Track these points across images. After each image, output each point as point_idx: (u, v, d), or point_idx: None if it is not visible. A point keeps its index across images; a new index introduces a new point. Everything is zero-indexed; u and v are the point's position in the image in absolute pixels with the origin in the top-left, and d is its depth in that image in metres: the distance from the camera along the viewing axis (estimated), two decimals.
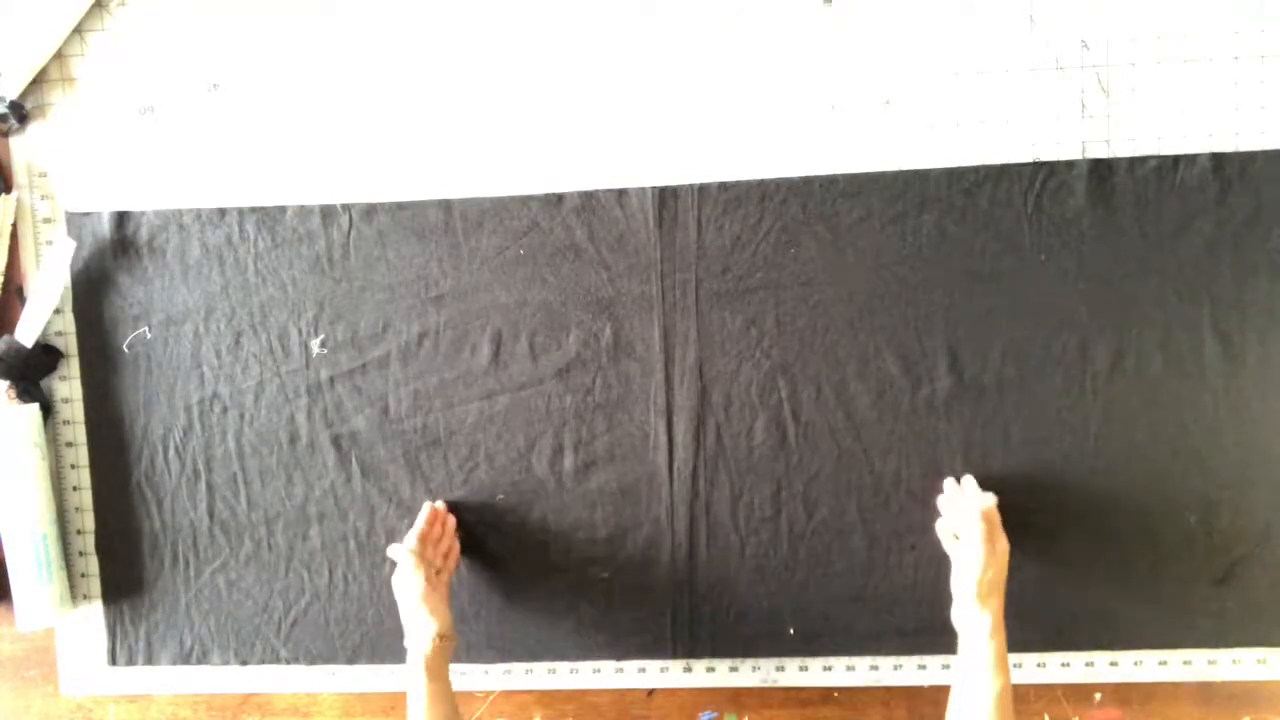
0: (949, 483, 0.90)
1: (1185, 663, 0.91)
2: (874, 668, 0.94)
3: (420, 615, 0.83)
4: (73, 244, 0.93)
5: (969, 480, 0.88)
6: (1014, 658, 0.92)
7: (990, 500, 0.83)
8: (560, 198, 0.91)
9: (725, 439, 0.92)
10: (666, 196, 0.90)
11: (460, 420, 0.93)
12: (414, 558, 0.85)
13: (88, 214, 0.94)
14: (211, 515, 0.96)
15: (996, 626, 0.78)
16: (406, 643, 0.84)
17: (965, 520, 0.82)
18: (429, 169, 0.93)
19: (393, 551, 0.87)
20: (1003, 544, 0.81)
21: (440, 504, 0.92)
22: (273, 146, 0.94)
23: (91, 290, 0.95)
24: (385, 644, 0.96)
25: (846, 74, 0.90)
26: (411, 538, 0.87)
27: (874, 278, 0.89)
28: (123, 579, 0.97)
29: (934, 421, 0.90)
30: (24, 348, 0.92)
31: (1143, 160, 0.87)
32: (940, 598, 0.85)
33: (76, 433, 0.97)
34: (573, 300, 0.92)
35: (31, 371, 0.94)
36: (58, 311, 0.95)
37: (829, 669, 0.94)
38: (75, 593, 0.98)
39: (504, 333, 0.92)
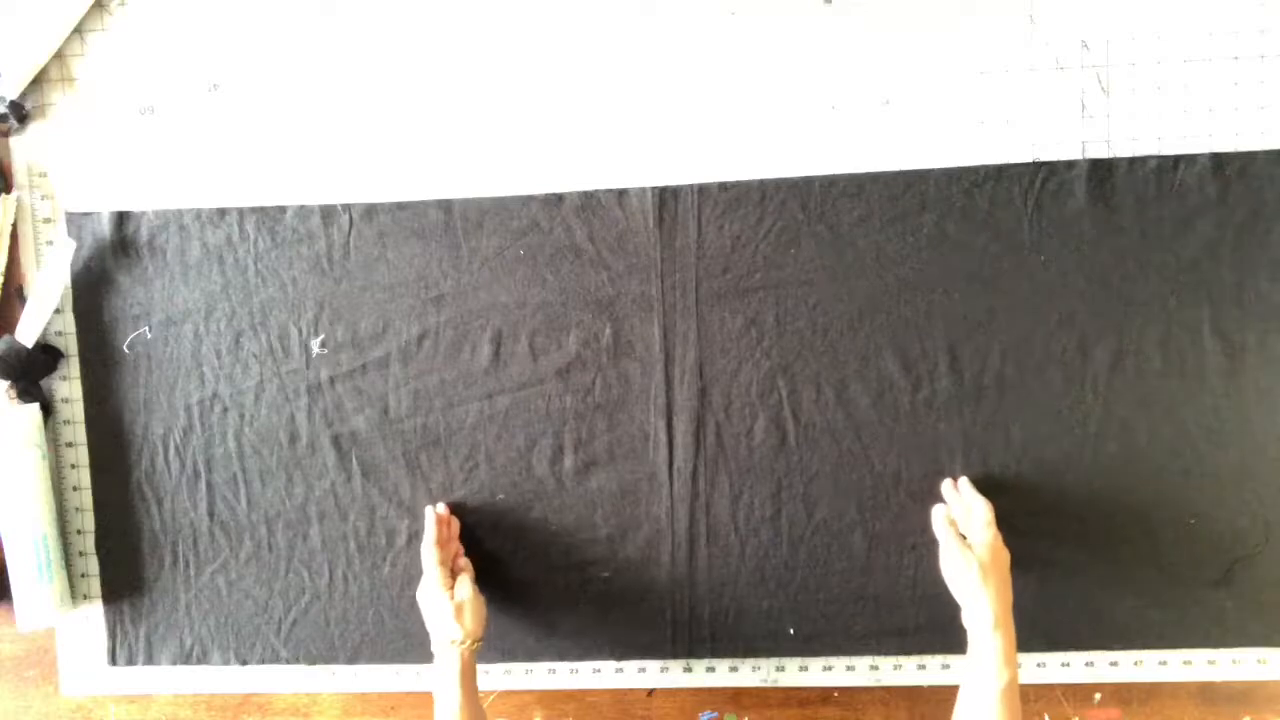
0: (946, 485, 0.90)
1: (1185, 663, 0.91)
2: (874, 668, 0.94)
3: (450, 621, 0.84)
4: (73, 244, 0.93)
5: (965, 483, 0.88)
6: None
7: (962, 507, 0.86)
8: (560, 198, 0.91)
9: (725, 439, 0.92)
10: (666, 196, 0.90)
11: (460, 420, 0.93)
12: (440, 568, 0.86)
13: (88, 214, 0.94)
14: (211, 515, 0.96)
15: (999, 621, 0.78)
16: (434, 648, 0.84)
17: (972, 524, 0.84)
18: (429, 169, 0.93)
19: (424, 556, 0.88)
20: (994, 540, 0.82)
21: (443, 508, 0.93)
22: (273, 146, 0.94)
23: (91, 290, 0.95)
24: (385, 644, 0.96)
25: (846, 74, 0.90)
26: (430, 545, 0.88)
27: (874, 278, 0.89)
28: (123, 579, 0.97)
29: (934, 421, 0.90)
30: (24, 348, 0.92)
31: (1143, 160, 0.87)
32: (940, 598, 0.85)
33: (76, 433, 0.97)
34: (573, 300, 0.92)
35: (31, 371, 0.94)
36: (58, 311, 0.95)
37: (829, 669, 0.94)
38: (75, 593, 0.98)
39: (504, 333, 0.92)
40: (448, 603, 0.84)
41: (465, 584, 0.86)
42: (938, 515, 0.87)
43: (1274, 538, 0.89)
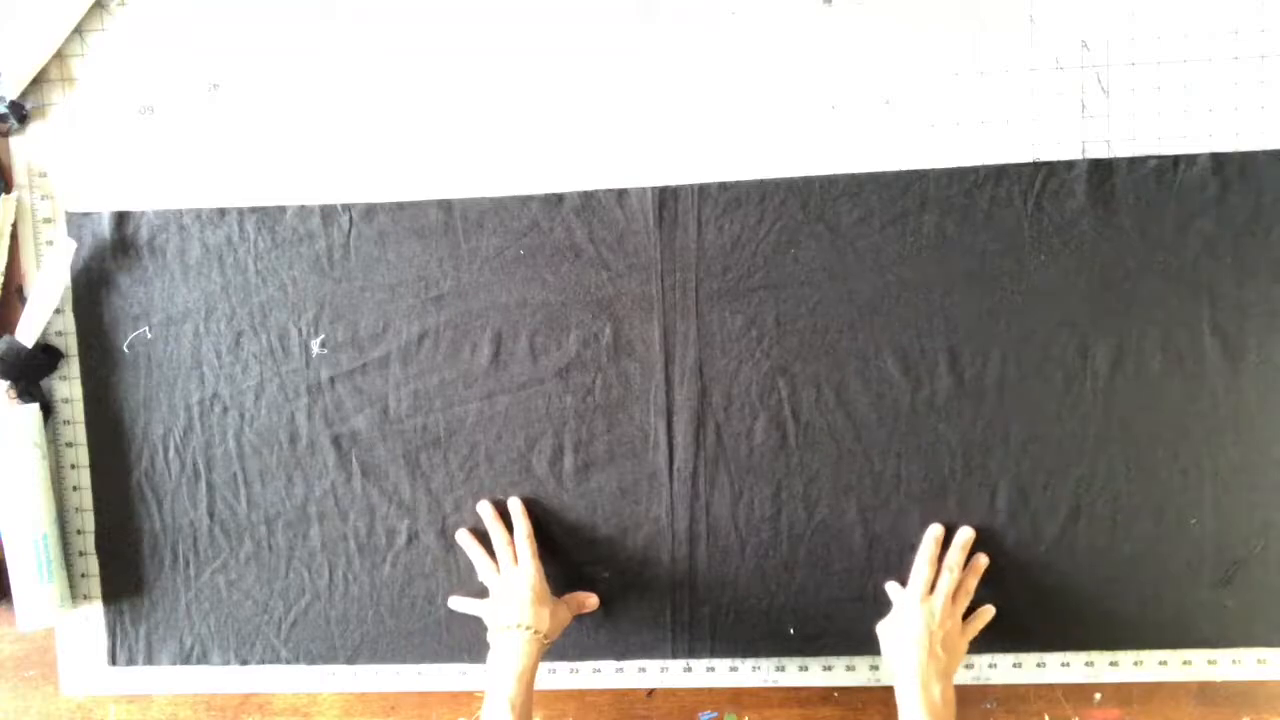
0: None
1: (1185, 663, 0.91)
2: (874, 668, 0.94)
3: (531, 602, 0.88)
4: (73, 244, 0.93)
5: (932, 541, 0.89)
6: (1013, 657, 0.92)
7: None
8: (560, 198, 0.91)
9: (725, 439, 0.92)
10: (666, 196, 0.90)
11: (460, 420, 0.93)
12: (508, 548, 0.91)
13: (88, 214, 0.94)
14: (211, 515, 0.96)
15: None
16: (501, 636, 0.86)
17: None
18: (429, 169, 0.93)
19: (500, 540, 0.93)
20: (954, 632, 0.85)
21: (487, 505, 0.94)
22: (273, 146, 0.94)
23: (91, 290, 0.95)
24: (385, 644, 0.96)
25: (846, 74, 0.90)
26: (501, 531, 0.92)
27: (874, 278, 0.89)
28: (123, 579, 0.97)
29: (934, 422, 0.90)
30: (24, 348, 0.92)
31: (1143, 160, 0.87)
32: None
33: (76, 433, 0.97)
34: (573, 300, 0.92)
35: (31, 371, 0.94)
36: (58, 311, 0.95)
37: (829, 669, 0.94)
38: (75, 593, 0.98)
39: (504, 333, 0.92)
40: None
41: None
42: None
43: (1274, 538, 0.89)
